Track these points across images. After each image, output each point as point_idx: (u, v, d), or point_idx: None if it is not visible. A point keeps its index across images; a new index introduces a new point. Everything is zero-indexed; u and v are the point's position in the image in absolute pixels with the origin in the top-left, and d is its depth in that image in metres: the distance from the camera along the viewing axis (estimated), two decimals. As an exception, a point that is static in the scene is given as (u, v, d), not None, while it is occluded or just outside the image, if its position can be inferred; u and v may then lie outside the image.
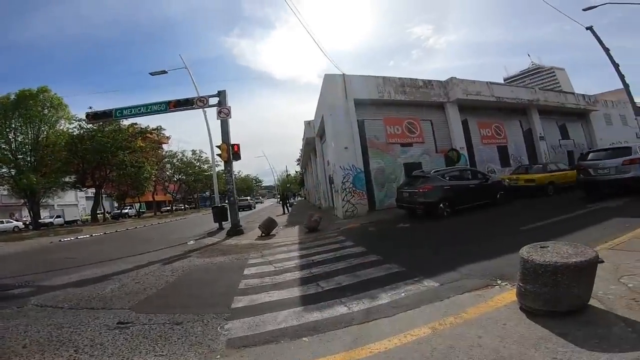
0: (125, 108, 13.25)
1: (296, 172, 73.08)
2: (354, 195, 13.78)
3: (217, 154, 13.24)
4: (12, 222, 32.28)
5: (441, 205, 10.32)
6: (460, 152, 15.97)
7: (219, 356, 2.99)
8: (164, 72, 17.59)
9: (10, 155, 26.89)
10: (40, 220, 30.63)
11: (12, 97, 26.96)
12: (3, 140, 26.72)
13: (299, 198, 66.48)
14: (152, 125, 37.36)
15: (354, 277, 5.04)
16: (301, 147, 37.42)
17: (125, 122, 32.17)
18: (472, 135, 17.54)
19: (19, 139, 27.59)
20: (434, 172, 11.23)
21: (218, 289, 5.28)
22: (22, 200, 31.33)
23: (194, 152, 51.31)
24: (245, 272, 6.18)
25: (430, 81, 16.50)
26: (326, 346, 2.97)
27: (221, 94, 12.91)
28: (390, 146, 15.32)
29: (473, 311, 3.23)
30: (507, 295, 3.45)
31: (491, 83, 18.27)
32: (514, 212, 10.15)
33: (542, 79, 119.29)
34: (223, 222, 14.99)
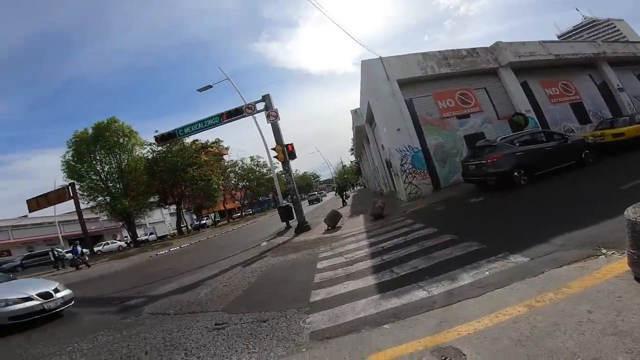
0: (186, 126, 14.25)
1: (351, 162, 72.93)
2: (415, 176, 13.28)
3: (273, 156, 13.72)
4: (116, 242, 37.47)
5: (515, 173, 9.42)
6: (527, 116, 14.56)
7: (304, 349, 3.08)
8: (210, 86, 18.53)
9: (102, 185, 30.82)
10: (138, 239, 34.92)
11: (90, 131, 30.65)
12: (93, 172, 30.63)
13: (359, 187, 66.30)
14: (211, 139, 40.45)
15: (429, 259, 4.84)
16: (352, 137, 37.13)
17: (188, 140, 34.85)
18: (537, 96, 15.92)
19: (106, 169, 31.33)
20: (501, 139, 10.31)
21: (295, 284, 5.46)
22: (121, 223, 35.98)
23: (252, 158, 54.01)
24: (318, 266, 6.31)
25: (474, 49, 15.54)
26: (408, 332, 2.89)
27: (266, 98, 13.33)
28: (445, 120, 14.54)
29: (577, 285, 2.88)
30: (616, 266, 3.01)
31: (544, 42, 16.73)
32: (607, 171, 8.88)
33: (602, 33, 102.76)
34: (290, 221, 15.54)
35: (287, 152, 12.91)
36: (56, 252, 22.13)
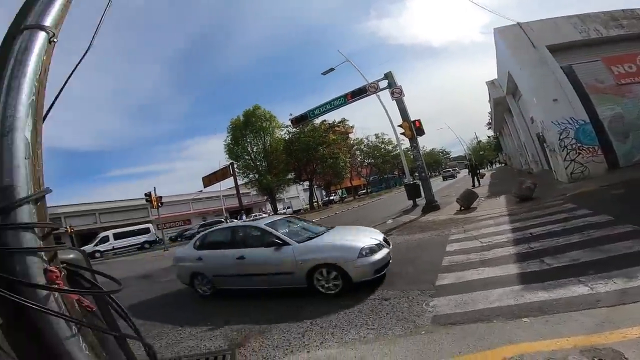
0: (315, 108, 15.19)
1: (488, 137, 64.34)
2: (580, 153, 10.86)
3: (400, 133, 13.37)
4: (262, 214, 44.00)
5: None
6: None
7: (423, 332, 3.01)
8: (332, 69, 19.17)
9: (252, 163, 36.55)
10: (278, 212, 40.10)
11: (241, 118, 36.37)
12: (245, 153, 36.55)
13: (499, 164, 58.39)
14: (337, 119, 42.15)
15: (596, 252, 3.96)
16: (489, 110, 32.64)
17: (317, 121, 37.33)
18: None
19: (254, 150, 36.94)
20: None
21: (421, 265, 5.30)
22: (265, 197, 41.95)
23: (376, 135, 53.78)
24: (448, 248, 5.95)
25: (659, 7, 11.97)
26: (554, 328, 2.50)
27: (388, 76, 13.03)
28: (624, 87, 11.57)
29: None
30: None
31: None
32: None
33: None
34: (417, 199, 15.02)
35: (414, 129, 12.35)
36: (229, 221, 26.10)
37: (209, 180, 36.14)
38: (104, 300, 1.10)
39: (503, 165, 50.62)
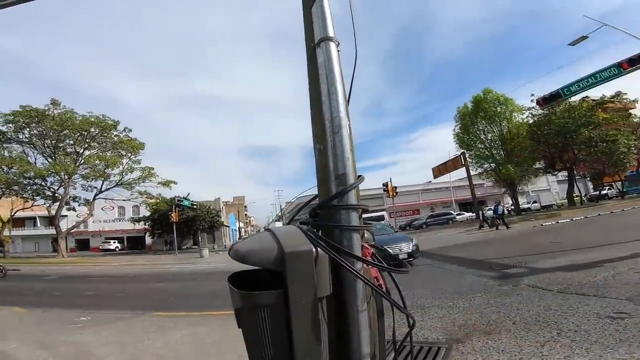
0: (572, 84, 13.15)
1: None
2: None
3: None
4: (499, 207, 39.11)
5: None
6: None
7: None
8: (585, 37, 15.17)
9: (487, 152, 33.09)
10: (520, 206, 34.54)
11: (469, 105, 33.39)
12: (478, 141, 33.45)
13: None
14: (607, 94, 31.54)
15: None
16: None
17: (574, 99, 29.19)
18: None
19: (489, 137, 33.26)
20: None
21: None
22: (503, 189, 37.16)
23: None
24: None
25: None
26: None
27: None
28: None
29: None
30: None
31: None
32: None
33: None
34: None
35: None
36: (482, 212, 23.56)
37: (439, 170, 35.94)
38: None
39: None
